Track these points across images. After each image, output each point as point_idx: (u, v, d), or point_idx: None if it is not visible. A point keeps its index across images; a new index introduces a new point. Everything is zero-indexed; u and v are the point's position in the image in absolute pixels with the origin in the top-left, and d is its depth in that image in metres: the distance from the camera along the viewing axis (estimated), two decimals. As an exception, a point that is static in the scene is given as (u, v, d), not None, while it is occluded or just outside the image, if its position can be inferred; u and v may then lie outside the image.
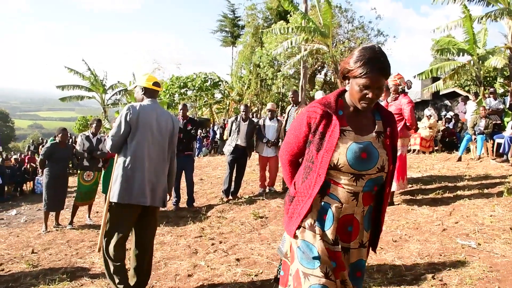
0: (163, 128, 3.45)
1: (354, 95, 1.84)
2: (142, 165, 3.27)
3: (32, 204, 10.60)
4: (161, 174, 3.44)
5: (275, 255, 4.20)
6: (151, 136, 3.34)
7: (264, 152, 7.51)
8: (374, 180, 1.88)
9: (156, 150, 3.38)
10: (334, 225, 1.87)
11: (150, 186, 3.31)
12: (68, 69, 25.15)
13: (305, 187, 1.91)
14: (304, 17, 14.62)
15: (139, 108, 3.32)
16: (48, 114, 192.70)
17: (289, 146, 2.04)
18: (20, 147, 50.38)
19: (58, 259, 5.01)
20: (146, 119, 3.32)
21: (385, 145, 1.93)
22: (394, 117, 2.07)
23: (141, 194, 3.23)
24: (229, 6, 38.61)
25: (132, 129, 3.28)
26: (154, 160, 3.35)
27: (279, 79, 24.87)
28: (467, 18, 11.98)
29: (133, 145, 3.27)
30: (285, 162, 2.11)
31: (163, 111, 3.57)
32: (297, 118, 2.01)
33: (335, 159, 1.81)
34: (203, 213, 6.57)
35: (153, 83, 3.52)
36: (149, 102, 3.45)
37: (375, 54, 1.79)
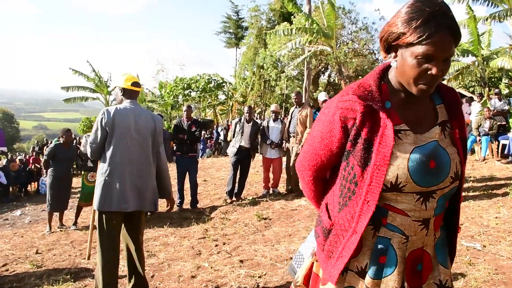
0: (143, 129, 3.30)
1: (408, 73, 1.20)
2: (122, 170, 3.15)
3: (36, 204, 10.64)
4: (147, 176, 3.31)
5: (279, 257, 4.20)
6: (130, 139, 3.20)
7: (268, 153, 7.51)
8: (447, 195, 1.31)
9: (138, 153, 3.25)
10: (399, 268, 1.28)
11: (135, 190, 3.20)
12: (72, 71, 25.26)
13: (346, 218, 1.31)
14: (307, 19, 14.61)
15: (115, 111, 3.19)
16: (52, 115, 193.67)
17: (313, 157, 1.41)
18: (25, 148, 50.62)
19: (62, 260, 5.02)
20: (123, 122, 3.19)
21: (454, 139, 1.32)
22: (457, 94, 1.43)
23: (123, 200, 3.12)
24: (232, 7, 38.72)
25: (109, 134, 3.16)
26: (136, 163, 3.23)
27: (282, 80, 24.86)
28: (472, 18, 11.93)
29: (111, 150, 3.15)
30: (308, 178, 1.49)
31: (142, 111, 3.41)
32: (324, 118, 1.36)
33: (392, 177, 1.22)
34: (206, 214, 6.57)
35: (131, 84, 3.37)
36: (127, 104, 3.31)
37: (438, 6, 1.16)
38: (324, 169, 1.45)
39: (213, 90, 26.36)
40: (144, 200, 3.26)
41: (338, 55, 16.10)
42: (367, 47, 25.83)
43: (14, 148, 50.13)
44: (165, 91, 26.64)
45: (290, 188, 7.46)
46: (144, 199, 3.26)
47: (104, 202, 3.11)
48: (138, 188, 3.21)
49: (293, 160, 7.19)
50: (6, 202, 11.99)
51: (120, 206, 3.13)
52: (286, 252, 4.35)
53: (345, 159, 1.32)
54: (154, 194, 3.37)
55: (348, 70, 23.51)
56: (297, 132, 7.11)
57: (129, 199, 3.15)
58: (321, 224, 1.43)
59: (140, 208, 3.25)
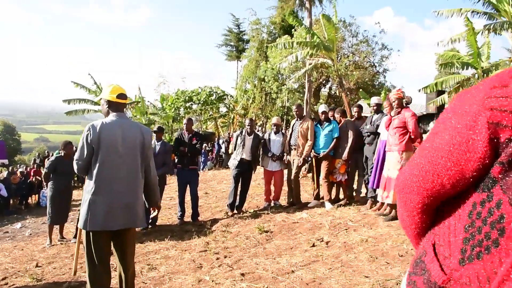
0: (131, 143, 3.19)
1: None
2: (108, 187, 3.06)
3: (37, 217, 10.61)
4: (136, 192, 3.22)
5: (280, 270, 4.17)
6: (117, 155, 3.11)
7: (269, 166, 7.51)
8: None
9: (126, 169, 3.15)
10: None
11: (124, 208, 3.10)
12: (74, 84, 25.39)
13: (476, 278, 0.78)
14: (308, 32, 14.74)
15: (100, 126, 3.08)
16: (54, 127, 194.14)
17: (430, 178, 0.90)
18: (26, 160, 50.62)
19: (62, 273, 4.99)
20: (110, 137, 3.09)
21: None
22: None
23: (109, 218, 3.02)
24: (234, 20, 39.12)
25: (95, 150, 3.07)
26: (124, 179, 3.13)
27: (283, 92, 24.96)
28: (471, 31, 12.03)
29: (97, 167, 3.06)
30: (414, 205, 0.97)
31: (131, 124, 3.30)
32: (455, 120, 0.85)
33: None
34: (208, 227, 6.55)
35: (117, 96, 3.25)
36: (113, 117, 3.21)
37: None
38: (443, 196, 0.93)
39: (214, 102, 26.47)
40: (133, 216, 3.17)
41: (339, 67, 16.19)
42: (367, 60, 25.99)
43: (15, 160, 50.14)
44: (166, 103, 26.76)
45: (291, 200, 7.45)
46: (134, 215, 3.18)
47: (89, 221, 3.02)
48: (126, 205, 3.12)
49: (294, 173, 7.19)
50: (7, 215, 11.96)
51: (106, 225, 3.03)
52: (288, 265, 4.32)
53: (485, 190, 0.81)
54: (143, 209, 3.29)
55: (349, 82, 23.64)
56: (298, 144, 7.12)
57: (116, 217, 3.06)
58: (424, 275, 0.91)
59: (129, 226, 3.15)
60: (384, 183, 5.73)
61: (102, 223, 3.02)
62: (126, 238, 3.22)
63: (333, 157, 6.99)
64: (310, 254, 4.64)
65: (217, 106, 27.25)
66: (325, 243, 5.02)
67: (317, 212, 6.61)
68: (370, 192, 6.45)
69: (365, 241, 4.84)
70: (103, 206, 3.03)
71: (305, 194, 8.08)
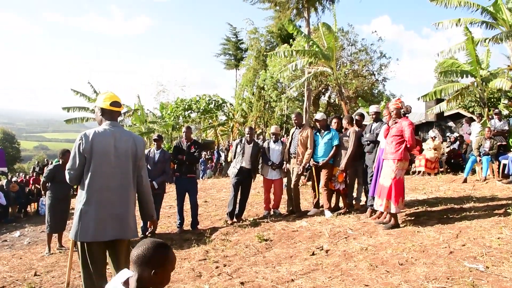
0: (123, 153, 3.14)
1: None
2: (100, 197, 3.02)
3: (35, 225, 10.57)
4: (128, 203, 3.16)
5: (280, 278, 4.16)
6: (109, 165, 3.07)
7: (268, 174, 7.51)
8: None
9: (118, 179, 3.10)
10: None
11: (115, 219, 3.05)
12: (74, 92, 25.46)
13: None
14: (308, 40, 14.82)
15: (93, 135, 3.05)
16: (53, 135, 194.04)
17: None
18: (25, 168, 50.54)
19: (61, 282, 4.96)
20: (102, 147, 3.05)
21: None
22: None
23: (100, 229, 2.98)
24: (231, 29, 39.34)
25: (87, 159, 3.03)
26: (116, 189, 3.09)
27: (283, 101, 25.03)
28: (470, 40, 12.10)
29: (89, 177, 3.02)
30: None
31: (123, 133, 3.22)
32: None
33: None
34: (207, 235, 6.53)
35: (110, 103, 3.19)
36: (106, 126, 3.16)
37: None
38: None
39: (213, 111, 26.54)
40: (125, 227, 3.12)
41: (338, 76, 16.25)
42: (366, 68, 26.11)
43: (14, 168, 50.06)
44: (166, 112, 26.82)
45: (291, 209, 7.43)
46: (125, 226, 3.12)
47: (79, 232, 2.99)
48: (118, 216, 3.07)
49: (294, 181, 7.18)
50: (5, 223, 11.91)
51: (96, 236, 2.99)
52: (287, 273, 4.30)
53: None
54: (134, 220, 3.23)
55: (348, 91, 23.73)
56: (297, 153, 7.12)
57: (107, 228, 3.02)
58: None
59: (120, 237, 3.10)
60: (379, 191, 5.74)
61: (92, 234, 2.98)
62: (120, 249, 3.16)
63: (332, 165, 6.99)
64: (309, 263, 4.62)
65: (216, 114, 27.31)
66: (325, 252, 5.01)
67: (316, 220, 6.60)
68: (370, 200, 6.44)
69: (365, 250, 4.82)
70: (94, 217, 2.99)
71: (304, 203, 8.06)
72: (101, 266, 3.11)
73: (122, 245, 3.18)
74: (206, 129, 29.28)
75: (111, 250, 3.15)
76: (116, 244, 3.13)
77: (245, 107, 28.49)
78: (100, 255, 3.09)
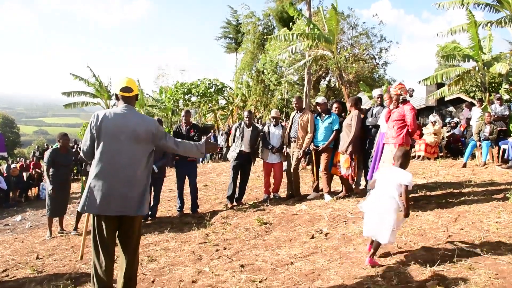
0: (133, 133, 3.22)
1: None
2: (107, 173, 3.14)
3: (37, 210, 10.63)
4: (137, 181, 3.23)
5: (280, 261, 4.20)
6: (117, 144, 3.17)
7: (268, 158, 7.51)
8: None
9: (127, 158, 3.18)
10: None
11: (121, 195, 3.14)
12: (73, 76, 25.33)
13: None
14: (308, 24, 14.67)
15: (103, 116, 3.19)
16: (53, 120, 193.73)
17: None
18: (25, 153, 50.56)
19: (62, 265, 5.02)
20: (112, 126, 3.18)
21: None
22: None
23: (106, 203, 3.09)
24: (232, 12, 38.95)
25: (97, 138, 3.18)
26: (124, 168, 3.17)
27: (283, 85, 24.91)
28: (472, 24, 11.97)
29: (98, 153, 3.16)
30: None
31: (135, 115, 3.32)
32: None
33: None
34: (207, 219, 6.57)
35: (120, 89, 3.33)
36: (119, 108, 3.30)
37: None
38: None
39: (213, 95, 26.40)
40: (131, 204, 3.18)
41: (338, 60, 16.14)
42: (367, 52, 25.90)
43: (14, 153, 50.09)
44: (165, 96, 26.69)
45: (290, 193, 7.45)
46: (132, 203, 3.18)
47: (86, 204, 3.13)
48: (124, 194, 3.15)
49: (294, 165, 7.18)
50: (7, 208, 11.97)
51: (101, 209, 3.12)
52: (287, 256, 4.34)
53: None
54: (140, 199, 3.25)
55: (348, 75, 23.58)
56: (298, 137, 7.11)
57: (112, 203, 3.12)
58: None
59: (125, 213, 3.18)
60: None
61: (98, 207, 3.11)
62: (128, 228, 3.25)
63: (332, 150, 6.98)
64: (309, 246, 4.66)
65: (216, 99, 27.18)
66: (324, 235, 5.04)
67: (316, 204, 6.63)
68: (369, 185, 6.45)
69: (364, 233, 4.86)
70: (101, 191, 3.12)
71: (304, 186, 8.09)
72: (110, 242, 3.21)
73: (131, 224, 3.26)
74: (206, 113, 29.17)
75: (121, 229, 3.26)
76: (124, 222, 3.24)
77: (244, 91, 28.36)
78: (109, 231, 3.20)
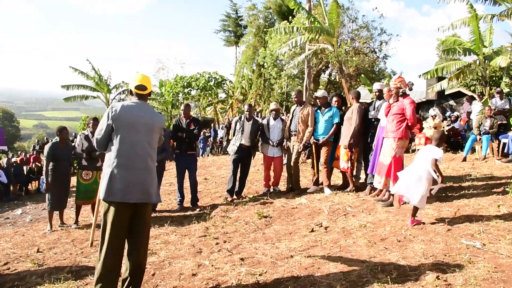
0: (147, 125, 3.40)
1: None
2: (127, 162, 3.26)
3: (37, 203, 10.65)
4: (152, 170, 3.42)
5: (279, 255, 4.21)
6: (135, 134, 3.33)
7: (268, 152, 7.51)
8: None
9: (143, 148, 3.36)
10: None
11: (141, 184, 3.28)
12: (72, 69, 25.26)
13: None
14: (309, 17, 14.60)
15: (121, 107, 3.33)
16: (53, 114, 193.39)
17: None
18: (25, 147, 50.57)
19: (63, 258, 5.03)
20: (129, 117, 3.33)
21: None
22: None
23: (127, 191, 3.21)
24: (231, 5, 38.76)
25: (115, 128, 3.30)
26: (142, 157, 3.34)
27: (283, 78, 24.84)
28: (473, 17, 11.91)
29: (117, 143, 3.28)
30: None
31: (148, 108, 3.52)
32: None
33: None
34: (207, 212, 6.58)
35: (135, 86, 3.49)
36: (134, 102, 3.45)
37: None
38: None
39: (213, 88, 26.35)
40: (149, 192, 3.34)
41: (339, 53, 16.07)
42: (367, 45, 25.79)
43: (14, 147, 50.09)
44: (165, 89, 26.63)
45: (290, 186, 7.46)
46: (150, 191, 3.35)
47: (109, 192, 3.20)
48: (143, 182, 3.30)
49: (294, 159, 7.19)
50: (7, 201, 12.00)
51: (124, 197, 3.20)
52: (287, 250, 4.36)
53: None
54: (156, 187, 3.49)
55: (348, 68, 23.50)
56: (298, 130, 7.11)
57: (134, 191, 3.23)
58: None
59: (145, 200, 3.31)
60: (379, 169, 5.75)
61: (121, 195, 3.19)
62: (144, 216, 3.36)
63: (333, 143, 6.98)
64: (309, 239, 4.67)
65: (215, 92, 27.14)
66: (324, 229, 5.06)
67: (316, 197, 6.64)
68: (369, 178, 6.46)
69: (364, 227, 4.87)
70: (123, 179, 3.22)
71: (304, 180, 8.10)
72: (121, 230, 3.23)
73: (147, 212, 3.40)
74: (205, 106, 29.12)
75: (135, 218, 3.32)
76: (142, 211, 3.34)
77: (244, 84, 28.29)
78: (123, 219, 3.23)
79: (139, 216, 3.33)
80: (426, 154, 4.66)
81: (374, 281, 3.28)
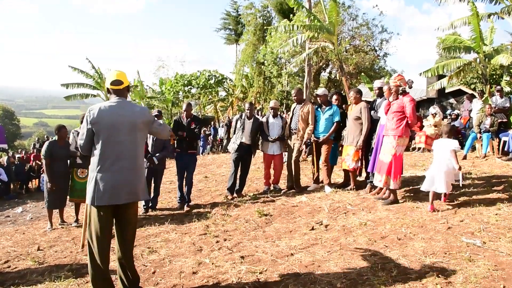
0: (129, 124, 3.31)
1: None
2: (112, 164, 3.22)
3: (37, 201, 10.66)
4: (139, 169, 3.38)
5: (280, 253, 4.21)
6: (117, 135, 3.25)
7: (269, 150, 7.51)
8: None
9: (128, 148, 3.29)
10: None
11: (128, 184, 3.26)
12: (72, 68, 25.24)
13: None
14: (309, 15, 14.57)
15: (99, 110, 3.26)
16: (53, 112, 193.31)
17: None
18: (25, 145, 50.60)
19: (63, 256, 5.04)
20: (110, 118, 3.25)
21: None
22: None
23: (113, 194, 3.19)
24: (232, 3, 38.72)
25: (96, 131, 3.24)
26: (127, 158, 3.28)
27: (283, 77, 24.81)
28: (474, 15, 11.89)
29: (99, 146, 3.23)
30: None
31: (128, 106, 3.41)
32: None
33: None
34: (207, 210, 6.58)
35: (110, 83, 3.41)
36: (112, 101, 3.37)
37: None
38: None
39: (213, 86, 26.35)
40: (137, 191, 3.34)
41: (339, 51, 16.05)
42: (367, 44, 25.74)
43: (15, 145, 50.10)
44: (165, 87, 26.62)
45: (290, 184, 7.46)
46: (137, 190, 3.34)
47: (96, 197, 3.20)
48: (130, 182, 3.29)
49: (294, 157, 7.18)
50: (7, 199, 12.02)
51: (111, 200, 3.20)
52: (287, 248, 4.36)
53: None
54: (144, 184, 3.47)
55: (348, 66, 23.46)
56: (298, 128, 7.10)
57: (121, 192, 3.23)
58: None
59: (132, 200, 3.32)
60: (379, 167, 5.75)
61: (108, 198, 3.19)
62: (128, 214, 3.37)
63: (333, 141, 6.98)
64: (309, 237, 4.67)
65: (216, 90, 27.13)
66: (324, 227, 5.06)
67: (316, 195, 6.64)
68: (370, 176, 6.46)
69: (364, 225, 4.87)
70: (109, 183, 3.20)
71: (304, 178, 8.10)
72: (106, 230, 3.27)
73: (132, 211, 3.41)
74: (206, 105, 29.13)
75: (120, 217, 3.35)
76: (125, 210, 3.34)
77: (245, 82, 28.29)
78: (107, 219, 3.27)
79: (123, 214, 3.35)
80: (443, 147, 5.23)
81: (374, 279, 3.28)
